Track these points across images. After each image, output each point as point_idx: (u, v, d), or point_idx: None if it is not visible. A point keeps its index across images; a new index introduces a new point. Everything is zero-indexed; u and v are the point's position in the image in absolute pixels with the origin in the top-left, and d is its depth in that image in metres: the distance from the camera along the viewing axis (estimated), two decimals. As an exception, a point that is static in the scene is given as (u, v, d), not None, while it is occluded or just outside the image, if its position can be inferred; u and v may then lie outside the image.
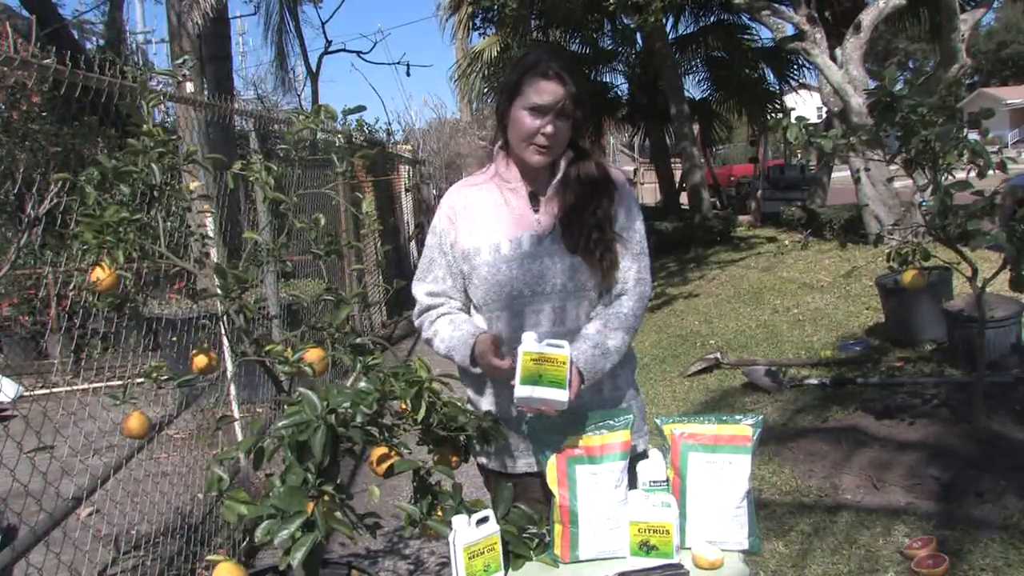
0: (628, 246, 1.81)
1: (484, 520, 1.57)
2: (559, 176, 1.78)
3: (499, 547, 1.59)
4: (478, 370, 1.75)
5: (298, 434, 1.34)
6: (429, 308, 1.86)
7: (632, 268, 1.81)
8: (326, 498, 1.36)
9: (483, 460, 1.90)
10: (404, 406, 1.51)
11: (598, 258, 1.75)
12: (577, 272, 1.76)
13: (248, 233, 1.91)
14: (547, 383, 1.58)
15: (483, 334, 1.73)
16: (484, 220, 1.80)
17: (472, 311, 1.86)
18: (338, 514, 1.39)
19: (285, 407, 1.42)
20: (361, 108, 1.99)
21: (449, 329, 1.78)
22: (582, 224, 1.76)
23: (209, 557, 1.47)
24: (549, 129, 1.70)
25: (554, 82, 1.69)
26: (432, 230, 1.88)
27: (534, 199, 1.80)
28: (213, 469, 1.45)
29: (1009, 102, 34.67)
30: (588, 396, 1.77)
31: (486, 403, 1.85)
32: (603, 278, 1.77)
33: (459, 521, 1.54)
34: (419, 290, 1.87)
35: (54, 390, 5.09)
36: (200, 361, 1.76)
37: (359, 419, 1.39)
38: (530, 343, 1.62)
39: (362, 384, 1.45)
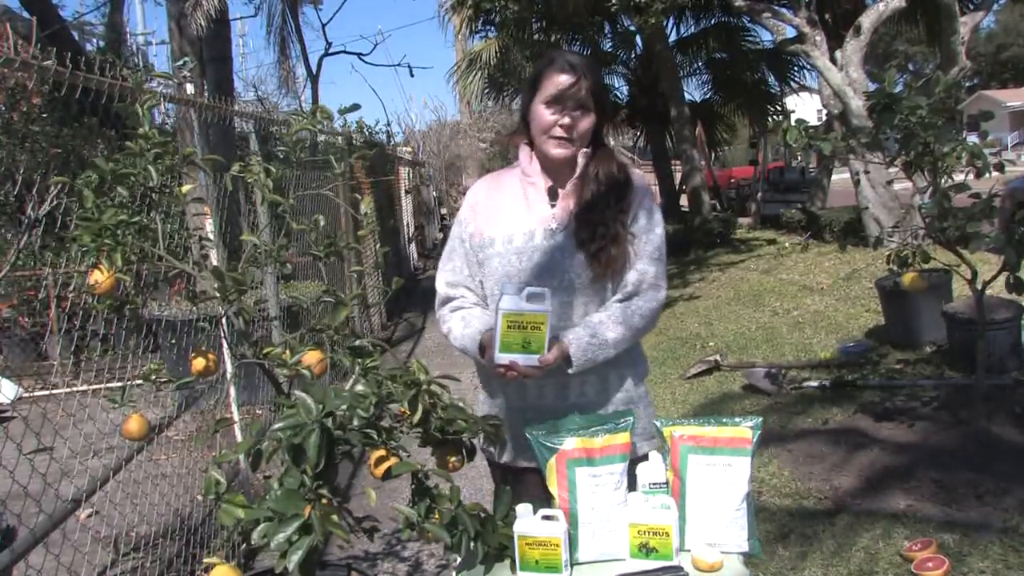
0: (647, 249, 1.80)
1: (539, 296, 1.61)
2: (578, 172, 1.80)
3: (547, 327, 1.60)
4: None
5: (293, 437, 1.34)
6: (448, 300, 1.88)
7: (649, 271, 1.79)
8: (323, 501, 1.35)
9: (492, 452, 1.90)
10: (403, 409, 1.50)
11: (594, 252, 1.75)
12: (586, 269, 1.76)
13: (245, 235, 1.91)
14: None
15: (489, 331, 1.73)
16: (502, 212, 1.83)
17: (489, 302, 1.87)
18: (334, 517, 1.38)
19: (283, 409, 1.41)
20: (356, 107, 1.99)
21: (460, 326, 1.81)
22: (594, 221, 1.77)
23: (207, 560, 1.46)
24: (566, 120, 1.74)
25: (569, 74, 1.73)
26: (456, 219, 1.92)
27: (552, 194, 1.82)
28: (211, 472, 1.45)
29: (1008, 105, 34.69)
30: (594, 396, 1.79)
31: (497, 405, 1.86)
32: (601, 274, 1.76)
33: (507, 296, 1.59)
34: (439, 280, 1.90)
35: (54, 391, 5.09)
36: (198, 364, 1.75)
37: (356, 422, 1.38)
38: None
39: (359, 387, 1.45)
